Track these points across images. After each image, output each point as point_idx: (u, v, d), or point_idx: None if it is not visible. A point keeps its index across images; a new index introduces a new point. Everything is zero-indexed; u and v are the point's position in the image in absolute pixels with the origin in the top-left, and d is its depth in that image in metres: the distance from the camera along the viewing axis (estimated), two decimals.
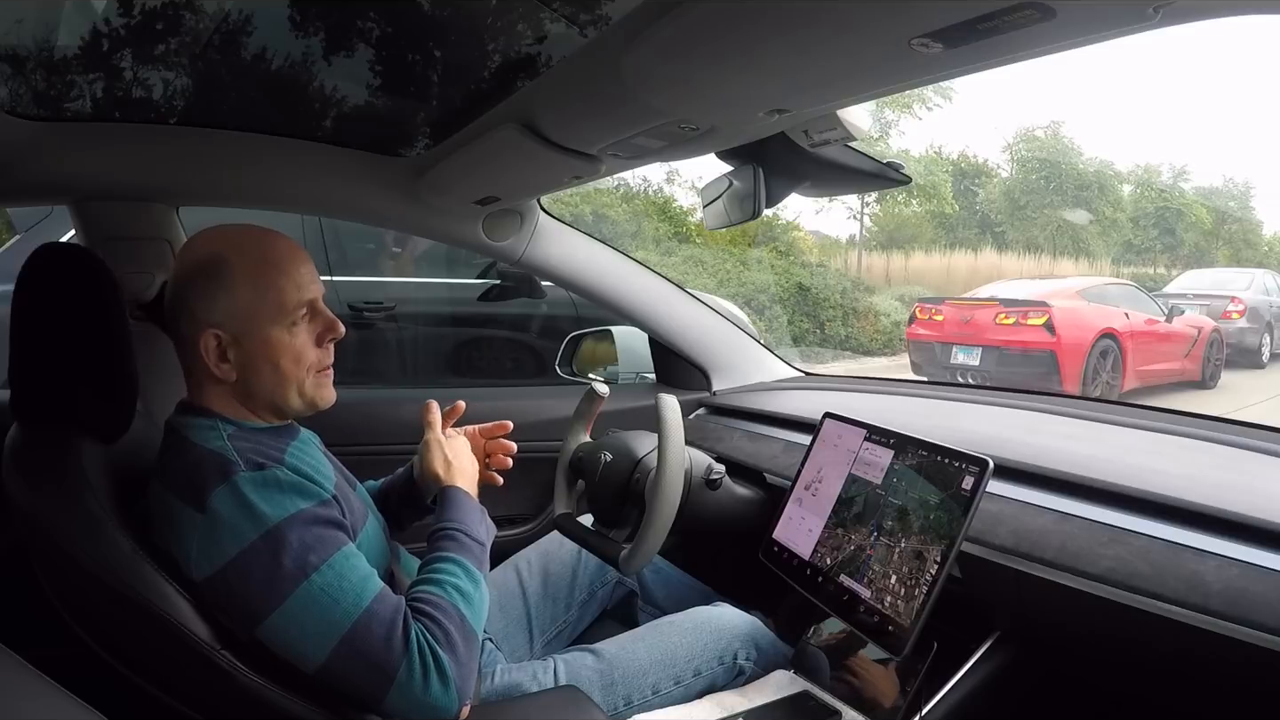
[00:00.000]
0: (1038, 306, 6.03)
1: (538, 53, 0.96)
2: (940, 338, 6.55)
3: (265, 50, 1.06)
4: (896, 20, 0.56)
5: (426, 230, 1.50)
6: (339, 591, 0.76)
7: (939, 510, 0.89)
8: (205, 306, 0.83)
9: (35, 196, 1.27)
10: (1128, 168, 12.91)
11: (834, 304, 8.90)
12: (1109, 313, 6.28)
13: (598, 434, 1.30)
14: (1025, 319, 6.00)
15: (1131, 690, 0.93)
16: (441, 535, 0.88)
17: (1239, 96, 17.69)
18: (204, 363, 0.84)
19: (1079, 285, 6.91)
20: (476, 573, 0.86)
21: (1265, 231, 13.01)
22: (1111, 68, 19.09)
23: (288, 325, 0.85)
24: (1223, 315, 7.53)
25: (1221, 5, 0.52)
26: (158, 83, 1.11)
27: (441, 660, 0.76)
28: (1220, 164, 20.81)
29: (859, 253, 12.11)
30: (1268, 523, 0.74)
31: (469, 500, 0.94)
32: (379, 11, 1.00)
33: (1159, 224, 12.28)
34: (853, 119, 0.87)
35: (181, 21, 0.99)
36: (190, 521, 0.77)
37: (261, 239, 0.87)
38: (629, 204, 9.51)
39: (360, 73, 1.11)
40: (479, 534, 0.91)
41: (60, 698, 0.52)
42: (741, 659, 1.08)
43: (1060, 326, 5.92)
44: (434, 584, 0.82)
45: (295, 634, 0.76)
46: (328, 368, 0.89)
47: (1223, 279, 8.60)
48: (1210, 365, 6.91)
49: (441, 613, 0.79)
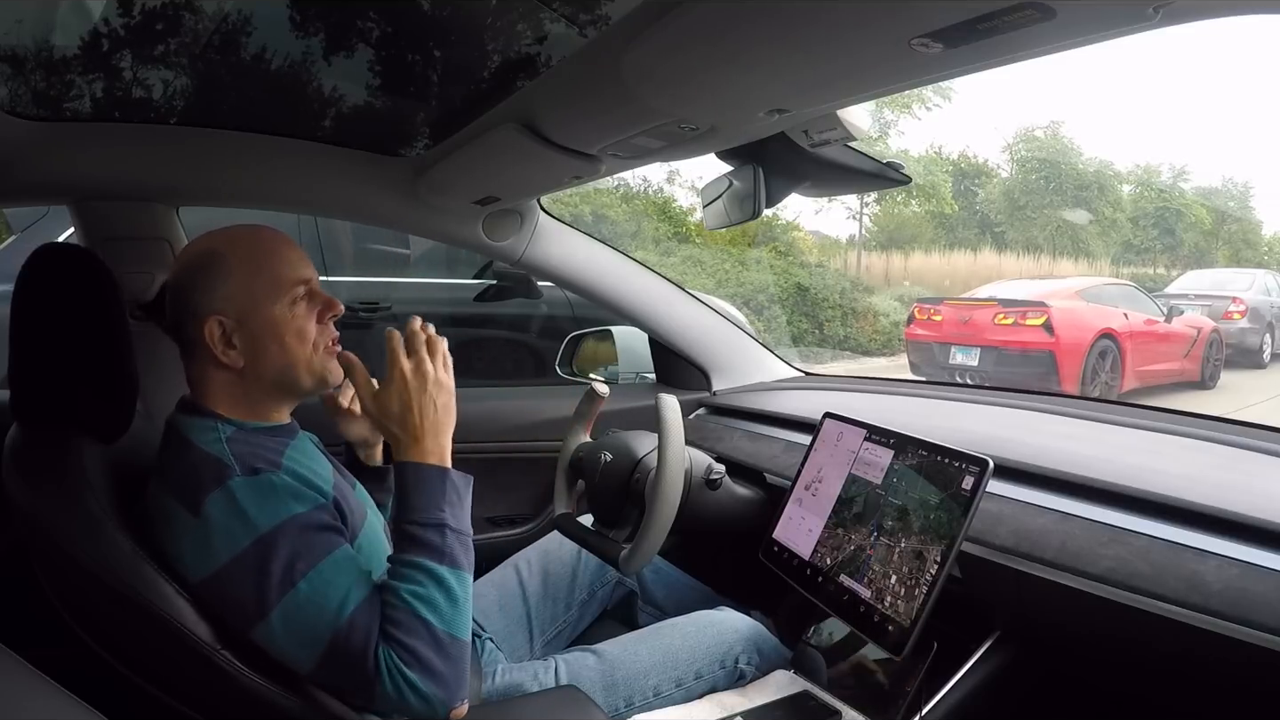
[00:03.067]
0: (1036, 307, 6.00)
1: (538, 53, 0.96)
2: (939, 338, 6.53)
3: (265, 50, 1.06)
4: (896, 20, 0.56)
5: (426, 230, 1.50)
6: (324, 599, 0.75)
7: (939, 510, 0.89)
8: (206, 297, 0.84)
9: (35, 196, 1.27)
10: (1127, 168, 12.91)
11: (833, 304, 8.88)
12: (1108, 313, 6.26)
13: (598, 434, 1.30)
14: (1024, 319, 5.96)
15: (1131, 690, 0.93)
16: (398, 535, 0.80)
17: (1239, 96, 17.70)
18: (210, 353, 0.84)
19: (1078, 285, 6.88)
20: (440, 570, 0.77)
21: (1265, 232, 12.99)
22: (1111, 67, 19.08)
23: (288, 303, 0.86)
24: (1224, 316, 7.50)
25: (1221, 5, 0.52)
26: (158, 83, 1.11)
27: (411, 680, 0.74)
28: (1220, 164, 20.82)
29: (858, 253, 12.07)
30: (1268, 523, 0.74)
31: (423, 476, 0.80)
32: (379, 11, 1.00)
33: (1159, 224, 12.24)
34: (853, 119, 0.87)
35: (182, 21, 0.99)
36: (185, 524, 0.77)
37: (251, 231, 0.89)
38: (629, 204, 9.49)
39: (360, 73, 1.11)
40: (445, 517, 0.79)
41: (60, 698, 0.52)
42: (743, 663, 1.08)
43: (1059, 327, 5.88)
44: (395, 594, 0.76)
45: (284, 641, 0.76)
46: (334, 344, 0.90)
47: (1224, 279, 8.58)
48: (1210, 365, 6.87)
49: (403, 631, 0.75)
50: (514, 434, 1.53)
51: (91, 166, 1.18)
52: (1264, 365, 7.59)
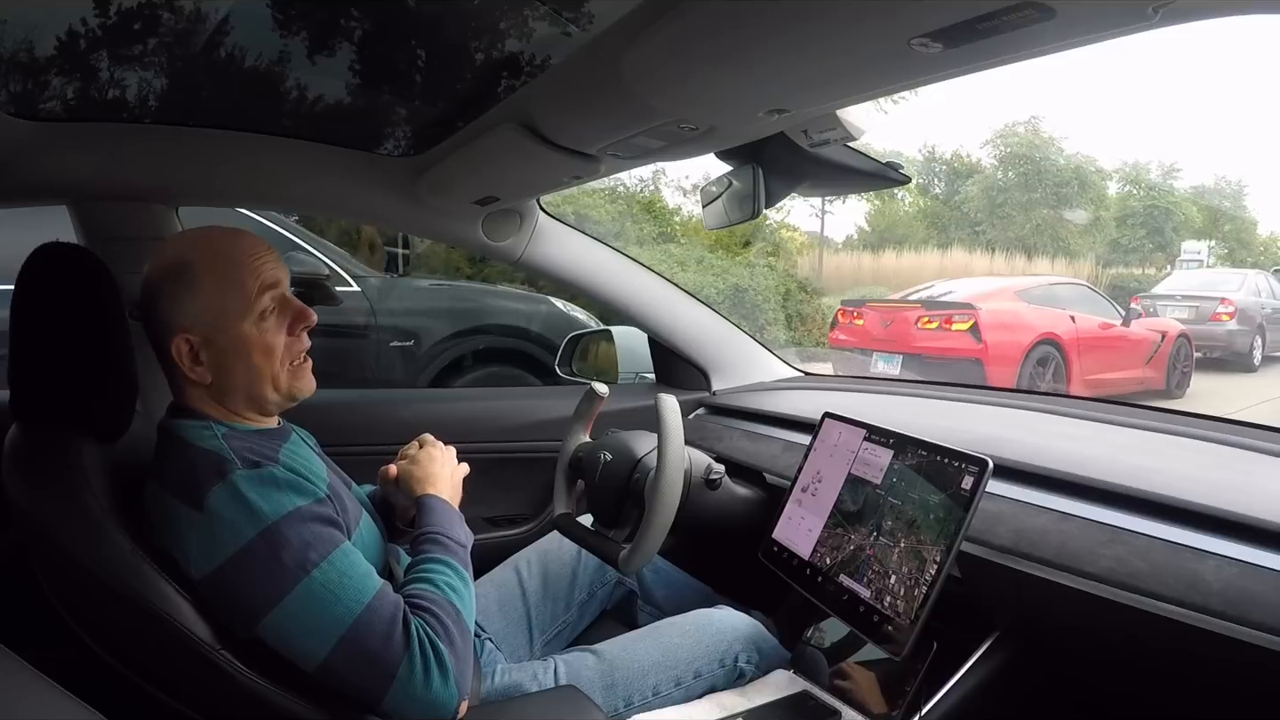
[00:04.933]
0: (963, 310, 5.44)
1: (537, 53, 0.96)
2: (861, 344, 6.00)
3: (266, 50, 1.06)
4: (896, 20, 0.56)
5: (426, 230, 1.50)
6: (340, 588, 0.76)
7: (939, 510, 0.89)
8: (174, 312, 0.84)
9: (35, 196, 1.27)
10: (1115, 165, 12.68)
11: (775, 306, 8.22)
12: (1053, 316, 5.68)
13: (597, 434, 1.30)
14: (949, 324, 5.39)
15: (1131, 690, 0.93)
16: (424, 539, 0.89)
17: (1234, 93, 17.69)
18: (179, 368, 0.85)
19: (1019, 285, 6.27)
20: (464, 572, 0.87)
21: (1260, 231, 12.82)
22: (1103, 63, 19.09)
23: (255, 319, 0.85)
24: (1211, 317, 7.21)
25: (1221, 5, 0.52)
26: (158, 83, 1.12)
27: (442, 653, 0.77)
28: (1213, 162, 20.74)
29: (819, 253, 11.63)
30: (1268, 523, 0.74)
31: (445, 506, 0.94)
32: (379, 11, 1.00)
33: (1147, 223, 11.99)
34: (852, 119, 0.87)
35: (182, 22, 0.99)
36: (188, 521, 0.77)
37: (223, 238, 0.87)
38: (603, 198, 9.02)
39: (361, 73, 1.11)
40: (460, 537, 0.91)
41: (60, 698, 0.52)
42: (742, 661, 1.08)
43: (988, 331, 5.32)
44: (426, 582, 0.83)
45: (295, 631, 0.76)
46: (304, 356, 0.90)
47: (1213, 279, 8.27)
48: (1177, 373, 6.32)
49: (438, 607, 0.80)
50: (514, 434, 1.53)
51: (91, 166, 1.18)
52: (1254, 368, 7.29)
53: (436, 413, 1.56)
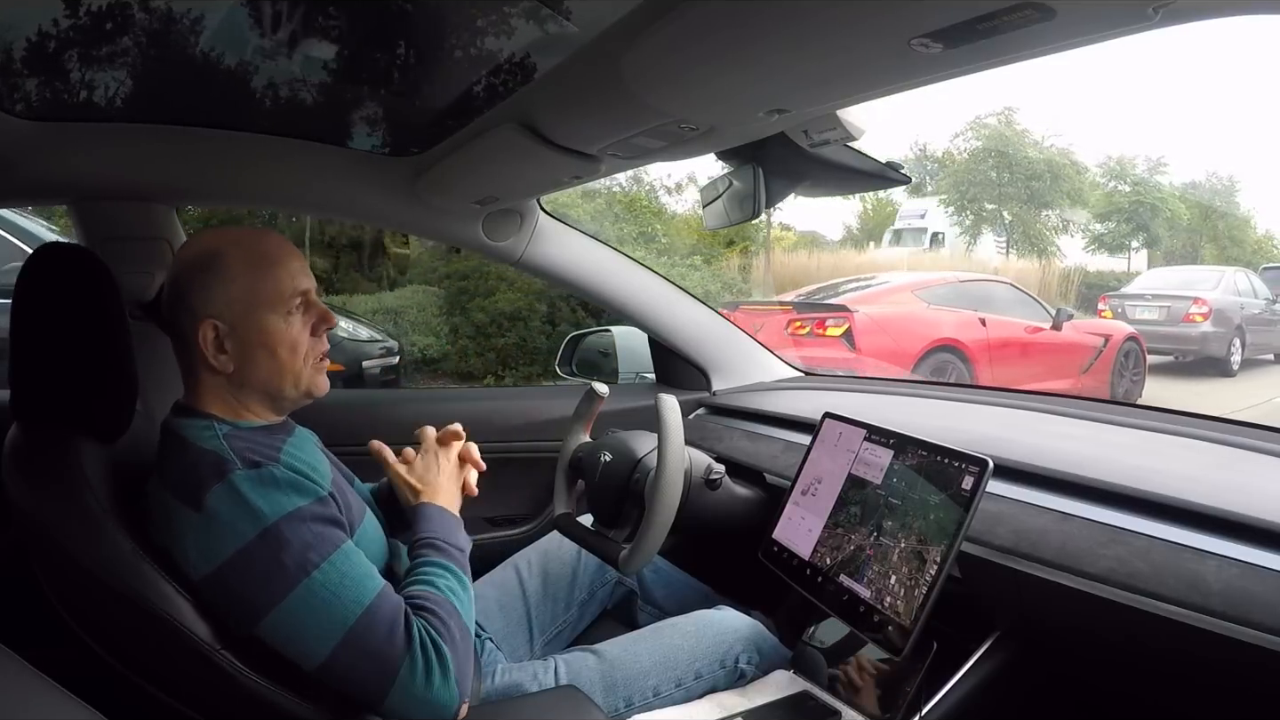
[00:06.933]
0: (837, 313, 4.77)
1: (537, 53, 0.96)
2: None
3: (266, 50, 1.06)
4: (896, 20, 0.56)
5: (426, 230, 1.50)
6: (341, 589, 0.76)
7: (939, 510, 0.89)
8: (203, 298, 0.85)
9: (35, 196, 1.27)
10: (1099, 159, 12.15)
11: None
12: (957, 318, 4.98)
13: (598, 434, 1.30)
14: (821, 328, 4.74)
15: (1131, 690, 0.93)
16: (423, 544, 0.89)
17: (1225, 89, 17.64)
18: (202, 355, 0.85)
19: (918, 282, 5.47)
20: (464, 576, 0.88)
21: (1252, 228, 12.30)
22: (1097, 59, 19.00)
23: (283, 314, 0.87)
24: (1184, 318, 6.66)
25: (1222, 5, 0.52)
26: (158, 82, 1.12)
27: (444, 653, 0.78)
28: (1205, 159, 20.55)
29: (766, 254, 10.80)
30: (1268, 523, 0.74)
31: (443, 513, 0.94)
32: (380, 11, 1.00)
33: (1132, 219, 11.43)
34: (852, 119, 0.87)
35: (183, 21, 0.99)
36: (188, 521, 0.77)
37: (256, 235, 0.90)
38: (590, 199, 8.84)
39: (360, 73, 1.11)
40: (459, 543, 0.92)
41: (60, 698, 0.52)
42: (743, 662, 1.08)
43: (864, 336, 4.61)
44: (427, 583, 0.84)
45: (296, 631, 0.76)
46: (324, 356, 0.92)
47: (1190, 278, 7.54)
48: (1125, 381, 5.60)
49: (440, 607, 0.81)
50: (514, 434, 1.53)
51: (91, 166, 1.18)
52: (1232, 374, 6.71)
53: (436, 412, 1.55)
